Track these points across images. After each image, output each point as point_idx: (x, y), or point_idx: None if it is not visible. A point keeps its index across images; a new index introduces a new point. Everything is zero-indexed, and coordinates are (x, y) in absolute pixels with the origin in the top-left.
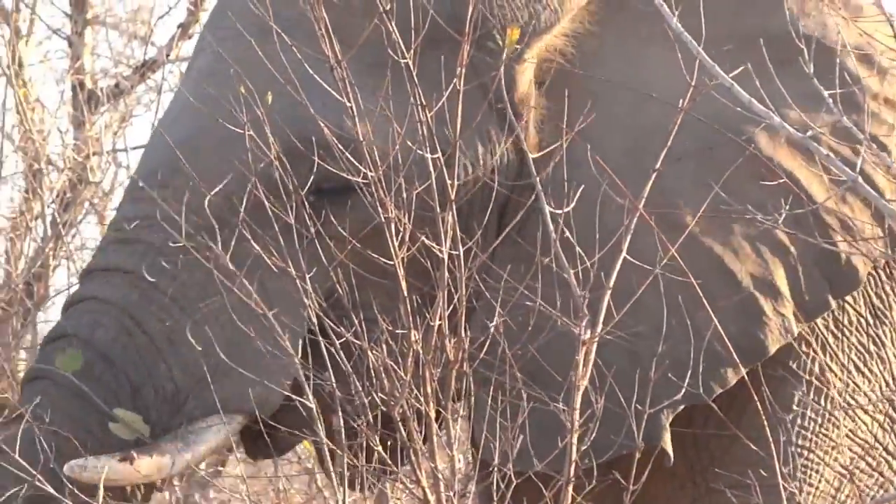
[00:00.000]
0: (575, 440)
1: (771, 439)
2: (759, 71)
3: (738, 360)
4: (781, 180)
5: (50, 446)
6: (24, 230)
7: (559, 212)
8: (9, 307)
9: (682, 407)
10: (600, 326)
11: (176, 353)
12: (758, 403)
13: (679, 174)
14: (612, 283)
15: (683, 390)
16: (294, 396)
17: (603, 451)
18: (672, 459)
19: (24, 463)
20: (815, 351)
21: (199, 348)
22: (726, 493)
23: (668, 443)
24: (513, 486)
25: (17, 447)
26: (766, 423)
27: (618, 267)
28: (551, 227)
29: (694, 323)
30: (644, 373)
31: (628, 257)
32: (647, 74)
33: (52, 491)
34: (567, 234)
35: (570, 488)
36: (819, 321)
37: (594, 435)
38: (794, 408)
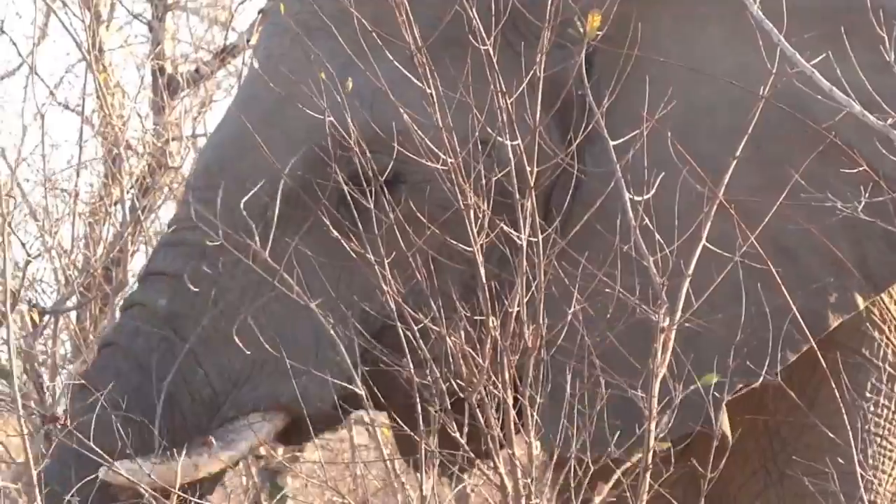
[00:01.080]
0: (653, 427)
1: (847, 426)
2: (825, 44)
3: (799, 337)
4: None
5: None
6: (103, 215)
7: (639, 199)
8: (88, 292)
9: (740, 388)
10: (679, 314)
11: (213, 358)
12: (829, 391)
13: (729, 152)
14: (691, 271)
15: (760, 369)
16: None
17: (668, 434)
18: (729, 437)
19: (97, 448)
20: (888, 338)
21: (239, 349)
22: (800, 479)
23: (725, 422)
24: (590, 474)
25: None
26: (841, 409)
27: (697, 254)
28: (630, 214)
29: (754, 302)
30: (699, 354)
31: (708, 245)
32: (702, 54)
33: (125, 475)
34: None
35: (648, 475)
36: (892, 307)
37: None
38: (868, 395)
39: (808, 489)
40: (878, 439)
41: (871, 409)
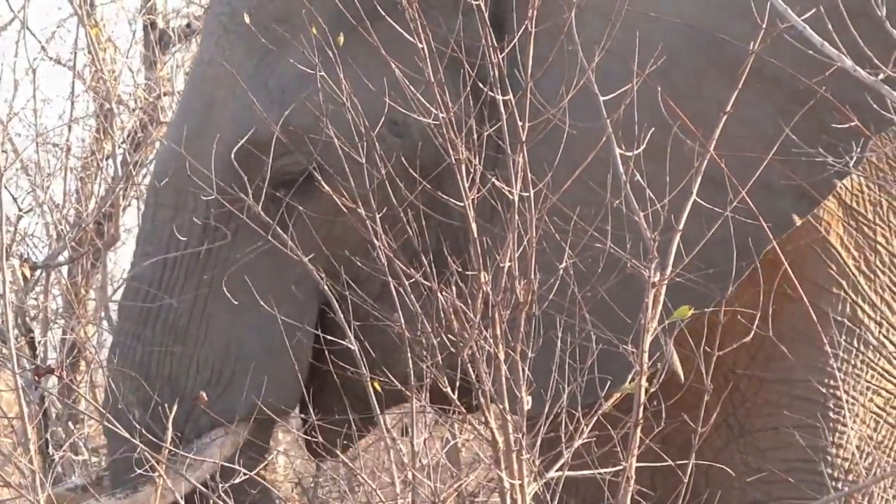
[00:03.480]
0: (644, 382)
1: (807, 380)
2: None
3: (734, 266)
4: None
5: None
6: (94, 170)
7: (630, 154)
8: (79, 247)
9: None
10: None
11: (181, 390)
12: (787, 346)
13: (640, 90)
14: (681, 226)
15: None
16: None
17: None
18: (682, 377)
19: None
20: (846, 292)
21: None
22: (761, 433)
23: (676, 362)
24: (581, 428)
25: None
26: (798, 364)
27: (687, 210)
28: (621, 168)
29: (685, 238)
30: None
31: (698, 200)
32: None
33: (122, 431)
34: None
35: (639, 430)
36: (850, 262)
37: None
38: (826, 349)
39: (770, 443)
40: (838, 393)
41: (831, 363)
